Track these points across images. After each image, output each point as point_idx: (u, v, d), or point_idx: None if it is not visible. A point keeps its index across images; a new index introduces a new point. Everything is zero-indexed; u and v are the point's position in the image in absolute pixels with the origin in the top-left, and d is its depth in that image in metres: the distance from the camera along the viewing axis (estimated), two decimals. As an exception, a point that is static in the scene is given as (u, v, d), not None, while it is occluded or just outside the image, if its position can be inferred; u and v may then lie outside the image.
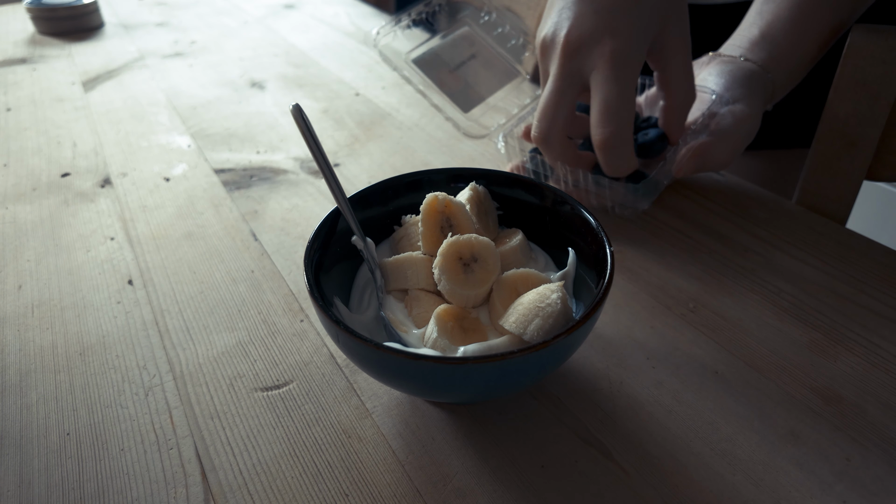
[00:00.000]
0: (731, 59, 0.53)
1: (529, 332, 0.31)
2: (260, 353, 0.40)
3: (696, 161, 0.47)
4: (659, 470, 0.32)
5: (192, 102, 0.77)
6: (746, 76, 0.51)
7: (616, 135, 0.42)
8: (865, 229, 0.54)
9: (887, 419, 0.34)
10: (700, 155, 0.47)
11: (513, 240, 0.38)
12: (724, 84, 0.50)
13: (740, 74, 0.51)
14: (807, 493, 0.31)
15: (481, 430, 0.34)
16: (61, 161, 0.63)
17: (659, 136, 0.48)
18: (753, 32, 0.54)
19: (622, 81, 0.41)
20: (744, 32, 0.55)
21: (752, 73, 0.51)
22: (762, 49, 0.53)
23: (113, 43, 0.98)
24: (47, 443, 0.34)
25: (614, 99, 0.41)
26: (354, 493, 0.31)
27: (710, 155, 0.47)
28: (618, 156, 0.43)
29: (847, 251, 0.47)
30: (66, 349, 0.40)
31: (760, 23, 0.54)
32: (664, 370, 0.37)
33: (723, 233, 0.49)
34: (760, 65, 0.52)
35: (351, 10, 1.12)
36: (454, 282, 0.33)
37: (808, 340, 0.39)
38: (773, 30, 0.53)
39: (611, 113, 0.42)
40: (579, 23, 0.43)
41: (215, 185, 0.59)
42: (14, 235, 0.52)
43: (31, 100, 0.78)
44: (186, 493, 0.31)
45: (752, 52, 0.53)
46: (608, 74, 0.41)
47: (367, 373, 0.32)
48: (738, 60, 0.52)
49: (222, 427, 0.35)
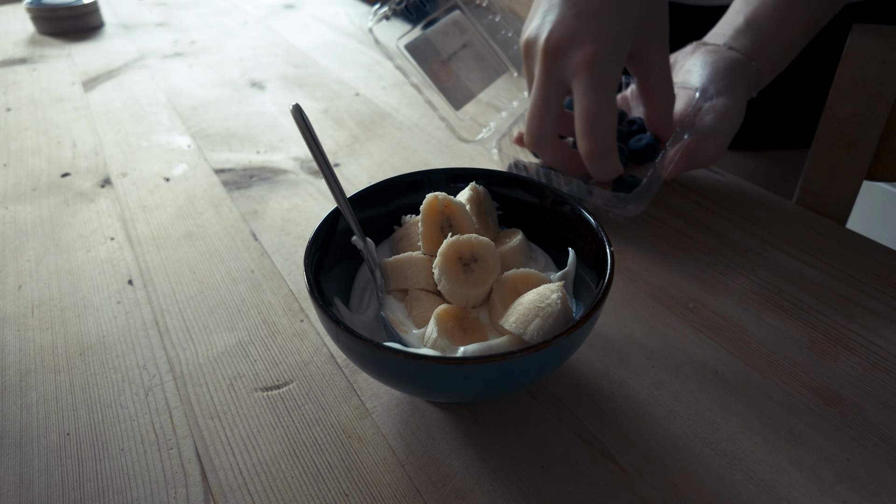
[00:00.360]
0: (716, 49, 0.53)
1: (529, 332, 0.31)
2: (260, 353, 0.40)
3: (684, 161, 0.48)
4: (659, 470, 0.32)
5: (192, 102, 0.77)
6: (730, 66, 0.51)
7: (599, 144, 0.43)
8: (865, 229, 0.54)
9: (887, 419, 0.34)
10: (687, 155, 0.48)
11: (513, 240, 0.38)
12: (708, 76, 0.50)
13: (723, 65, 0.51)
14: (806, 493, 0.30)
15: (481, 430, 0.34)
16: (61, 161, 0.63)
17: (650, 142, 0.49)
18: (738, 20, 0.54)
19: (602, 89, 0.42)
20: (729, 20, 0.55)
21: (736, 61, 0.51)
22: (746, 37, 0.53)
23: (113, 43, 0.98)
24: (47, 443, 0.34)
25: (595, 109, 0.42)
26: (354, 494, 0.31)
27: (697, 154, 0.48)
28: (602, 164, 0.44)
29: (847, 251, 0.47)
30: (66, 349, 0.40)
31: (746, 10, 0.54)
32: (664, 370, 0.37)
33: (723, 233, 0.49)
34: (744, 53, 0.52)
35: (351, 10, 1.12)
36: (454, 282, 0.33)
37: (809, 340, 0.39)
38: (759, 17, 0.53)
39: (593, 124, 0.42)
40: (560, 27, 0.43)
41: (215, 185, 0.59)
42: (14, 235, 0.52)
43: (31, 100, 0.77)
44: (186, 494, 0.31)
45: (736, 40, 0.53)
46: (588, 84, 0.42)
47: (367, 373, 0.32)
48: (723, 49, 0.52)
49: (222, 427, 0.35)
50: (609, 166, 0.45)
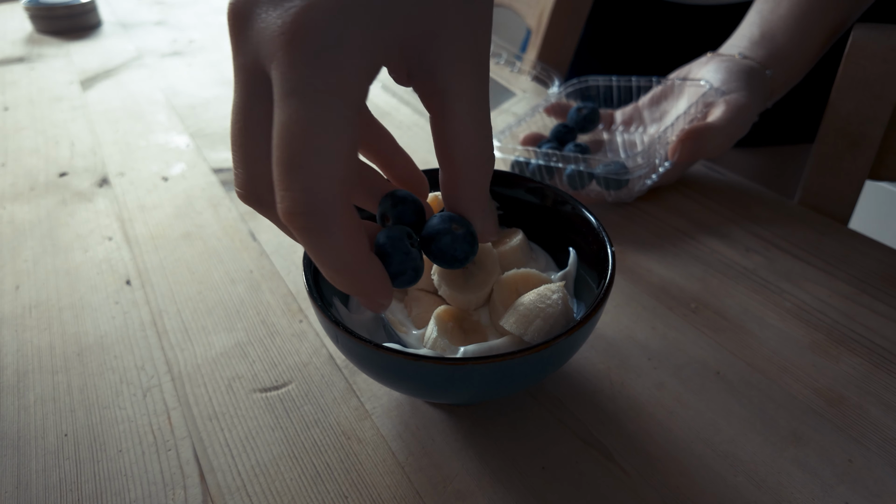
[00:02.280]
0: (730, 58, 0.53)
1: (530, 333, 0.30)
2: (259, 353, 0.39)
3: (691, 144, 0.46)
4: (660, 471, 0.32)
5: (190, 101, 0.76)
6: (744, 72, 0.51)
7: (305, 203, 0.20)
8: (868, 229, 0.54)
9: (890, 420, 0.34)
10: (694, 139, 0.46)
11: (513, 240, 0.38)
12: (721, 79, 0.50)
13: (737, 69, 0.51)
14: (809, 495, 0.30)
15: (481, 431, 0.34)
16: (59, 161, 0.63)
17: (589, 112, 0.46)
18: (753, 32, 0.54)
19: (315, 88, 0.20)
20: (743, 32, 0.55)
21: (751, 69, 0.51)
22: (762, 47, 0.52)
23: (111, 42, 0.97)
24: (45, 444, 0.34)
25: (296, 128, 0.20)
26: (354, 495, 0.31)
27: (705, 139, 0.46)
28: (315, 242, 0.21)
29: (849, 251, 0.46)
30: (64, 350, 0.40)
31: (760, 22, 0.54)
32: (666, 371, 0.37)
33: (724, 233, 0.49)
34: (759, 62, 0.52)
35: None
36: (454, 287, 0.33)
37: (811, 341, 0.39)
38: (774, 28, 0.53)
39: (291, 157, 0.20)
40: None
41: (214, 184, 0.58)
42: (11, 235, 0.51)
43: (29, 99, 0.77)
44: (185, 495, 0.31)
45: (751, 50, 0.53)
46: (288, 74, 0.20)
47: (366, 374, 0.32)
48: (738, 59, 0.52)
49: (221, 428, 0.34)
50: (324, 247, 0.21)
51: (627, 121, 0.57)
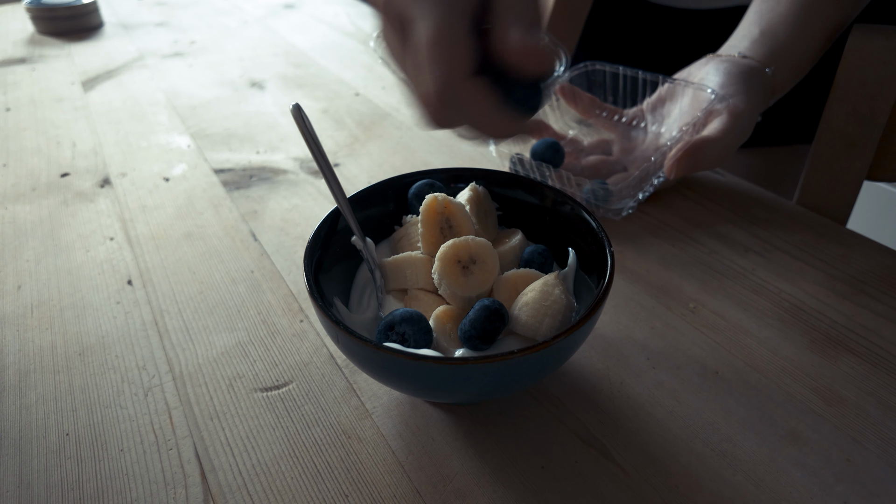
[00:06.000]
0: (729, 58, 0.53)
1: (543, 333, 0.31)
2: (259, 353, 0.39)
3: (688, 161, 0.46)
4: (659, 471, 0.32)
5: (191, 102, 0.76)
6: (744, 72, 0.51)
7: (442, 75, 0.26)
8: (866, 229, 0.54)
9: (888, 420, 0.34)
10: (692, 155, 0.46)
11: (512, 240, 0.38)
12: (721, 82, 0.50)
13: (737, 70, 0.51)
14: (807, 494, 0.30)
15: (481, 430, 0.34)
16: (61, 161, 0.63)
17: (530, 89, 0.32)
18: (753, 30, 0.54)
19: None
20: (743, 32, 0.55)
21: (751, 68, 0.51)
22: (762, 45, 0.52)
23: (112, 43, 0.97)
24: (46, 443, 0.34)
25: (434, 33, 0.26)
26: (354, 494, 0.31)
27: (703, 154, 0.46)
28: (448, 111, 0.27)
29: (847, 251, 0.47)
30: (66, 349, 0.40)
31: (760, 20, 0.53)
32: (664, 370, 0.37)
33: (723, 233, 0.49)
34: (760, 60, 0.51)
35: (351, 9, 1.12)
36: (455, 285, 0.33)
37: (809, 341, 0.39)
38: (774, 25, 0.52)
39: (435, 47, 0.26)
40: None
41: (215, 185, 0.58)
42: (13, 235, 0.51)
43: (31, 100, 0.77)
44: (186, 494, 0.31)
45: (751, 48, 0.53)
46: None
47: (366, 373, 0.32)
48: (737, 58, 0.52)
49: (222, 427, 0.35)
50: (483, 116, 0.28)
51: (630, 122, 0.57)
